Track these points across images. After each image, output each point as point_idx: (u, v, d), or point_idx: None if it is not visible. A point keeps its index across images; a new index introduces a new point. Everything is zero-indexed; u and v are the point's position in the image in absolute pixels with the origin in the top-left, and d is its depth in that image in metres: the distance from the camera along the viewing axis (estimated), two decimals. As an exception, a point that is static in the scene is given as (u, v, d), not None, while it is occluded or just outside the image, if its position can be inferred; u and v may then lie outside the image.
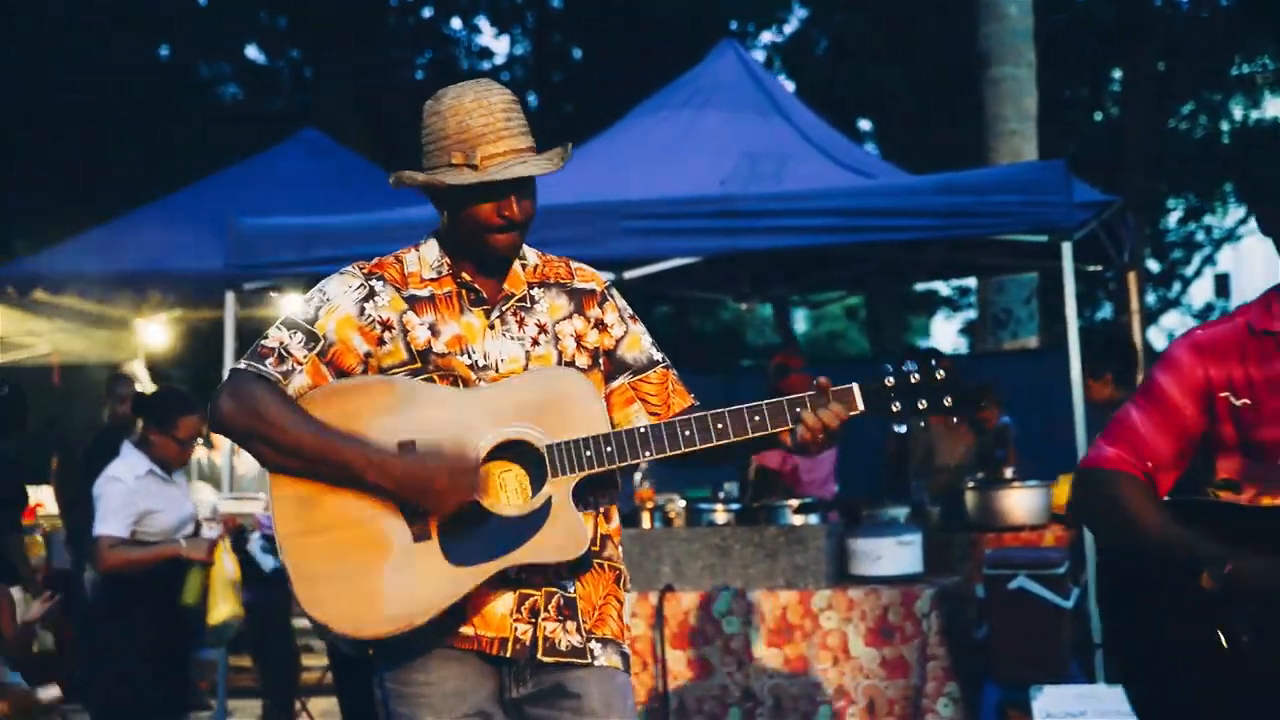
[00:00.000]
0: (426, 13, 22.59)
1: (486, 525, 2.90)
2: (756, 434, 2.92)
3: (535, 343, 3.05)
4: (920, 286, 24.33)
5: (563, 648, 3.01)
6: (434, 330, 3.00)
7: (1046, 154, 11.81)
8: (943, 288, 25.66)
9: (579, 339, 3.10)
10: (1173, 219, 25.89)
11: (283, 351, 2.96)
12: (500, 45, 55.20)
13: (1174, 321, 28.59)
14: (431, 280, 3.06)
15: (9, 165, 17.48)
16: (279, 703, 7.85)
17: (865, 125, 23.89)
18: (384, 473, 2.85)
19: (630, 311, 3.19)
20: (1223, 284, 36.27)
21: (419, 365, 2.98)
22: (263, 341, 3.00)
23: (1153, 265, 24.91)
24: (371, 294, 3.03)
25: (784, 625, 6.21)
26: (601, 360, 3.13)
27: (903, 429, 2.95)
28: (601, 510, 3.10)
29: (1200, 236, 26.12)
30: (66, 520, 9.09)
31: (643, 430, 2.93)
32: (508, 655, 2.99)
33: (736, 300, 10.84)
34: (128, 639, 5.78)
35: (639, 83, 12.14)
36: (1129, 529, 2.94)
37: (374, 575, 2.89)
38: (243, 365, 2.98)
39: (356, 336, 3.00)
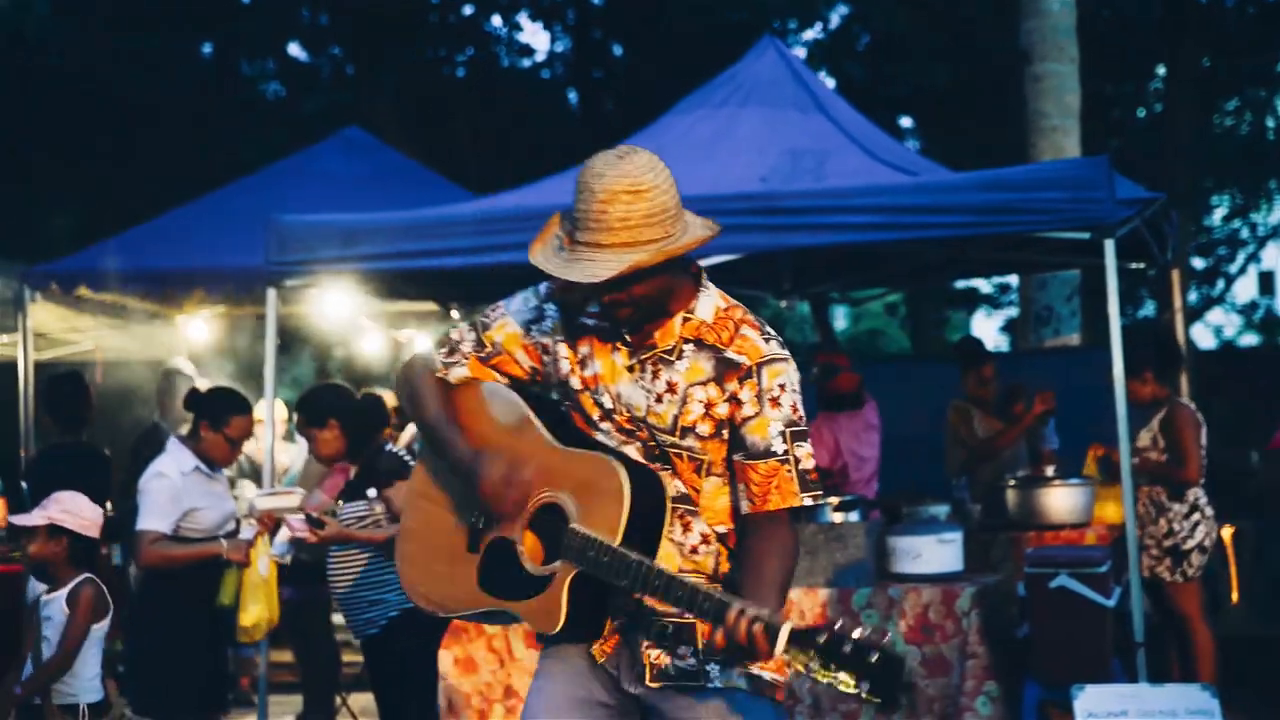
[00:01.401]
0: (468, 10, 22.64)
1: (511, 566, 3.13)
2: (700, 618, 2.89)
3: (659, 399, 3.09)
4: (961, 283, 24.26)
5: (672, 672, 3.11)
6: (582, 363, 3.17)
7: (1089, 151, 11.73)
8: (984, 285, 25.56)
9: (708, 407, 3.07)
10: (1217, 216, 25.70)
11: (455, 345, 3.31)
12: (541, 42, 55.41)
13: (1217, 319, 28.39)
14: (597, 314, 3.17)
15: (53, 163, 17.65)
16: (319, 698, 7.90)
17: (906, 122, 23.82)
18: (457, 459, 3.18)
19: (775, 394, 3.05)
20: (1267, 281, 35.92)
21: (562, 395, 3.23)
22: (450, 331, 3.36)
23: (1196, 262, 24.73)
24: (540, 317, 3.24)
25: (825, 624, 6.19)
26: (726, 432, 3.09)
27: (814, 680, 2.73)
28: (725, 549, 3.16)
29: (1245, 233, 25.93)
30: (115, 515, 9.15)
31: (631, 560, 2.94)
32: (616, 672, 3.16)
33: (777, 297, 10.81)
34: (168, 634, 5.83)
35: (679, 79, 12.15)
36: None
37: (435, 557, 3.27)
38: (428, 349, 3.38)
39: (521, 352, 3.25)
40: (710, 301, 3.13)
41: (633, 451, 3.12)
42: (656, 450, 3.11)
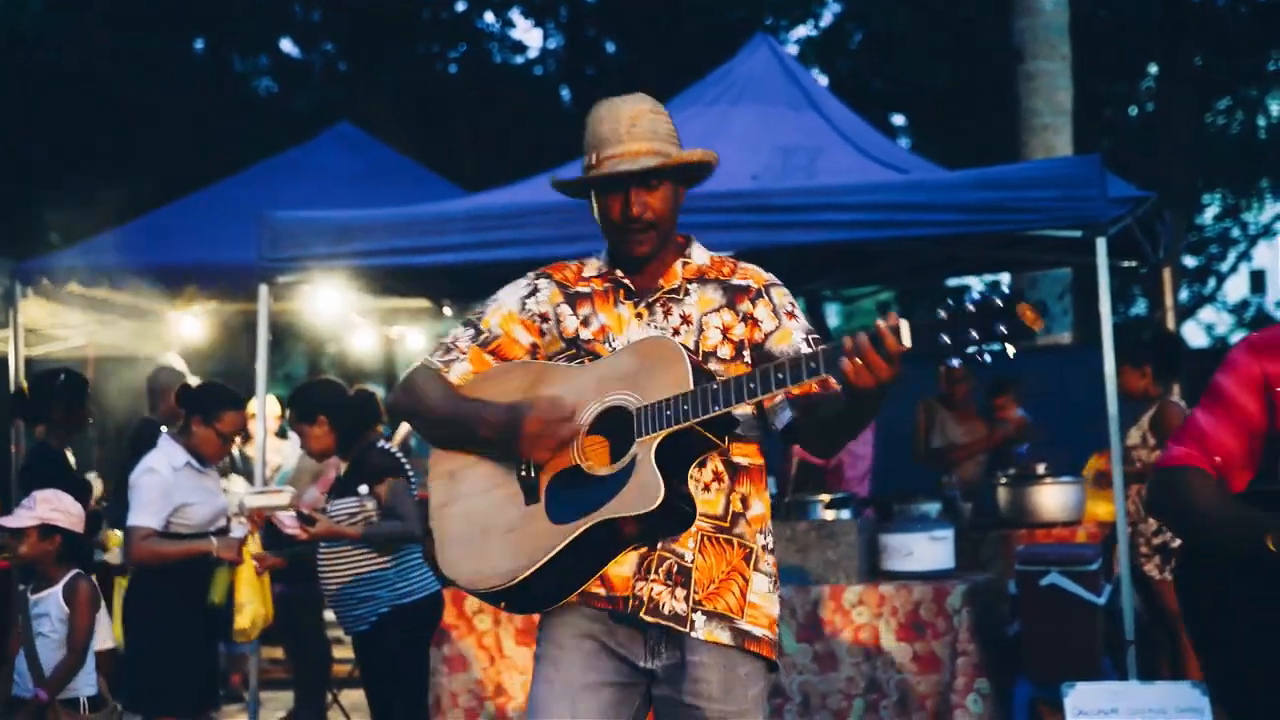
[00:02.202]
0: (460, 6, 22.62)
1: (584, 486, 3.10)
2: (812, 378, 2.89)
3: (675, 332, 3.21)
4: (953, 281, 24.27)
5: (664, 611, 3.13)
6: (585, 321, 3.26)
7: (1081, 149, 11.75)
8: (976, 283, 25.55)
9: (725, 331, 3.21)
10: (1209, 215, 25.72)
11: (450, 344, 3.35)
12: (534, 39, 55.38)
13: (1209, 318, 28.43)
14: (594, 277, 3.32)
15: (44, 158, 17.61)
16: (311, 694, 7.89)
17: (899, 120, 23.82)
18: (488, 424, 3.16)
19: (790, 309, 3.25)
20: (1258, 280, 36.03)
21: (573, 351, 3.25)
22: (441, 338, 3.39)
23: (1188, 261, 24.75)
24: (534, 291, 3.33)
25: (814, 620, 6.21)
26: (747, 353, 3.21)
27: (955, 363, 2.82)
28: (738, 490, 3.20)
29: (1236, 232, 25.95)
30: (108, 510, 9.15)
31: (714, 387, 2.97)
32: (627, 612, 3.13)
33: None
34: (161, 631, 5.82)
35: (672, 76, 12.15)
36: (1196, 516, 3.09)
37: (492, 536, 3.20)
38: (420, 361, 3.37)
39: (519, 329, 3.31)
40: (702, 251, 3.33)
41: None
42: None
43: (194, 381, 7.06)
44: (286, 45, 22.69)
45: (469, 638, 6.50)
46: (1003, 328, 2.73)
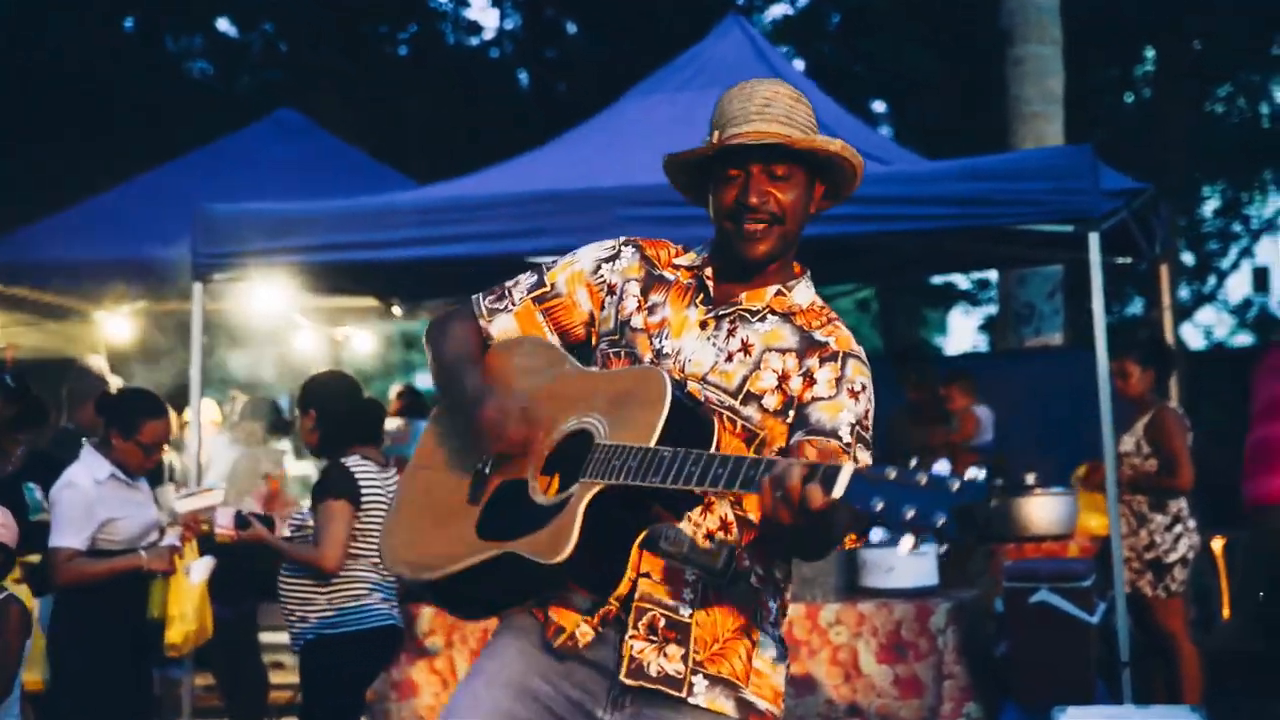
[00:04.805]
0: (410, -18, 22.61)
1: (520, 505, 2.92)
2: (747, 491, 2.65)
3: (730, 358, 2.99)
4: (937, 279, 24.35)
5: (652, 673, 2.91)
6: (651, 309, 3.07)
7: (1073, 139, 11.81)
8: (961, 280, 25.65)
9: (783, 379, 2.97)
10: (1208, 208, 25.90)
11: (507, 290, 3.19)
12: (490, 19, 55.27)
13: (1208, 318, 28.62)
14: (683, 267, 3.12)
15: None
16: (248, 723, 7.86)
17: (880, 107, 23.91)
18: (466, 393, 3.03)
19: (856, 388, 2.96)
20: (1261, 278, 36.30)
21: (618, 336, 3.08)
22: (506, 279, 3.22)
23: (1186, 258, 24.92)
24: (614, 257, 3.16)
25: (790, 640, 6.22)
26: (791, 413, 2.96)
27: (897, 546, 2.44)
28: (745, 545, 2.98)
29: (1237, 227, 26.14)
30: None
31: (664, 454, 2.74)
32: (555, 646, 2.95)
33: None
34: (90, 654, 5.77)
35: (637, 60, 12.17)
36: None
37: (426, 520, 3.08)
38: (472, 297, 3.23)
39: (583, 292, 3.14)
40: (808, 292, 3.10)
41: None
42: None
43: (117, 385, 7.00)
44: (223, 24, 22.62)
45: (420, 662, 6.49)
46: (941, 519, 2.35)
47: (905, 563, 6.29)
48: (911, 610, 6.16)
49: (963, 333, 33.80)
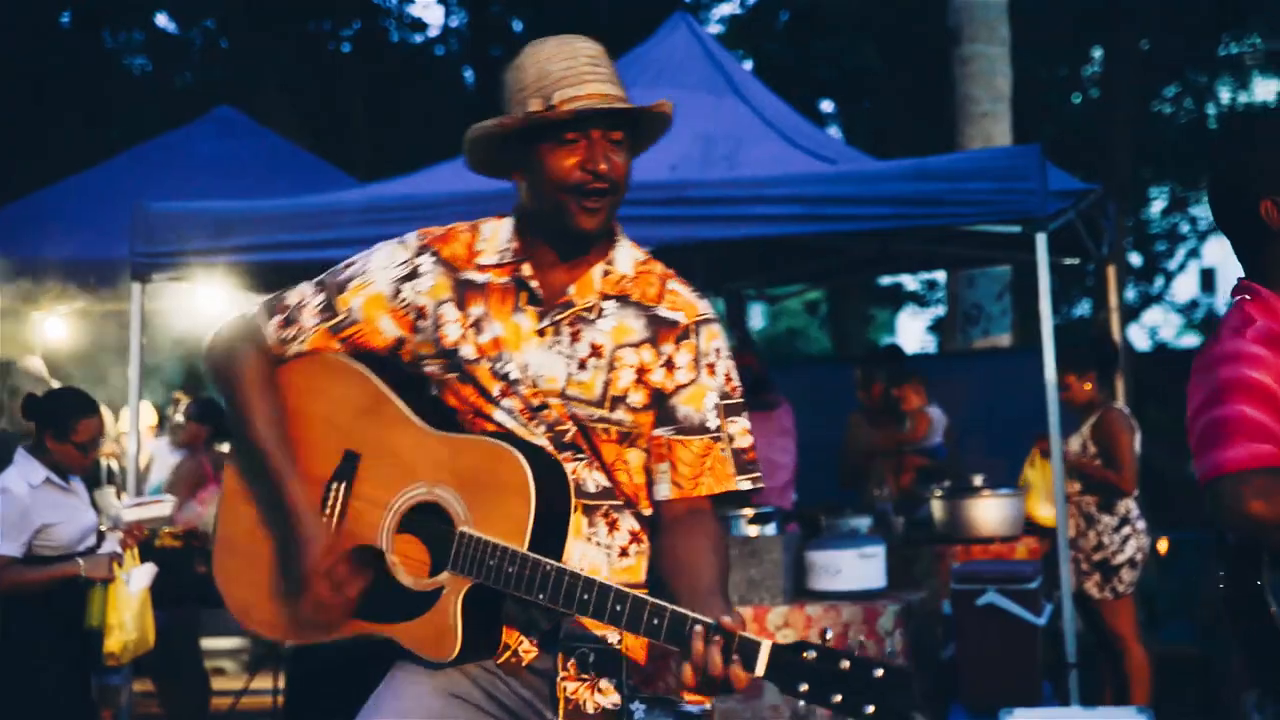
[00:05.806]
0: (354, -22, 22.50)
1: (383, 583, 2.81)
2: (649, 638, 2.59)
3: (583, 366, 2.83)
4: (886, 280, 24.47)
5: (590, 710, 2.79)
6: (476, 325, 2.85)
7: (1021, 138, 11.88)
8: (909, 281, 25.79)
9: (641, 373, 2.84)
10: (1155, 209, 26.11)
11: (294, 314, 2.92)
12: (435, 16, 55.09)
13: (1156, 319, 28.86)
14: (492, 266, 2.89)
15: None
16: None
17: (828, 107, 23.98)
18: (289, 508, 2.83)
19: (712, 358, 2.87)
20: (1208, 279, 36.60)
21: (446, 363, 2.86)
22: (286, 294, 2.95)
23: (1134, 258, 25.13)
24: (414, 274, 2.90)
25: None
26: (658, 404, 2.86)
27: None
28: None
29: (1185, 228, 26.36)
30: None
31: (545, 568, 2.65)
32: (498, 664, 2.84)
33: (688, 294, 10.85)
34: (24, 666, 5.72)
35: (584, 58, 12.11)
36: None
37: (264, 575, 2.93)
38: (253, 313, 2.95)
39: (386, 319, 2.90)
40: (628, 253, 2.94)
41: (540, 435, 2.82)
42: (568, 433, 2.83)
43: (53, 387, 6.93)
44: (163, 20, 22.45)
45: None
46: (870, 709, 2.40)
47: (853, 565, 6.31)
48: (860, 612, 6.18)
49: (911, 333, 33.93)
